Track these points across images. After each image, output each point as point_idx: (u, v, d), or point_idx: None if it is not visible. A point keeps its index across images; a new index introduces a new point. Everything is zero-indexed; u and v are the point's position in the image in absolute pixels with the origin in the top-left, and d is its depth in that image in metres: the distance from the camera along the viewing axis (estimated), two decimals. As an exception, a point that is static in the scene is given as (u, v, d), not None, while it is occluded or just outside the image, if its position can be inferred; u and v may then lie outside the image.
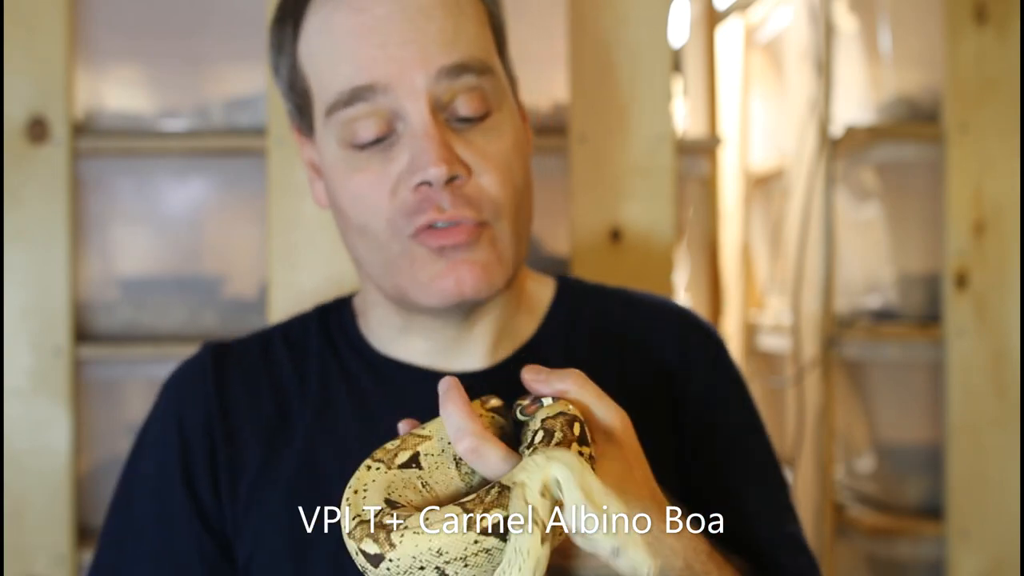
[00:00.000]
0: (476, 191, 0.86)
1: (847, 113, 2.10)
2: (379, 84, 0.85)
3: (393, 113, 0.86)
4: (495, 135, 0.88)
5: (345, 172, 0.89)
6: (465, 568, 0.61)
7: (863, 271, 2.16)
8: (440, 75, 0.85)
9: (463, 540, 0.61)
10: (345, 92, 0.86)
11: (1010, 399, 1.85)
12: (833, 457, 2.08)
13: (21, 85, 1.63)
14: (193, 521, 0.91)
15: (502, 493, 0.62)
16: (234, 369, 0.96)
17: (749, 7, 2.56)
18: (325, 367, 0.96)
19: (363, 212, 0.88)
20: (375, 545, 0.62)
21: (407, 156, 0.86)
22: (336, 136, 0.88)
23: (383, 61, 0.85)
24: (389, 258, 0.88)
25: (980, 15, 1.85)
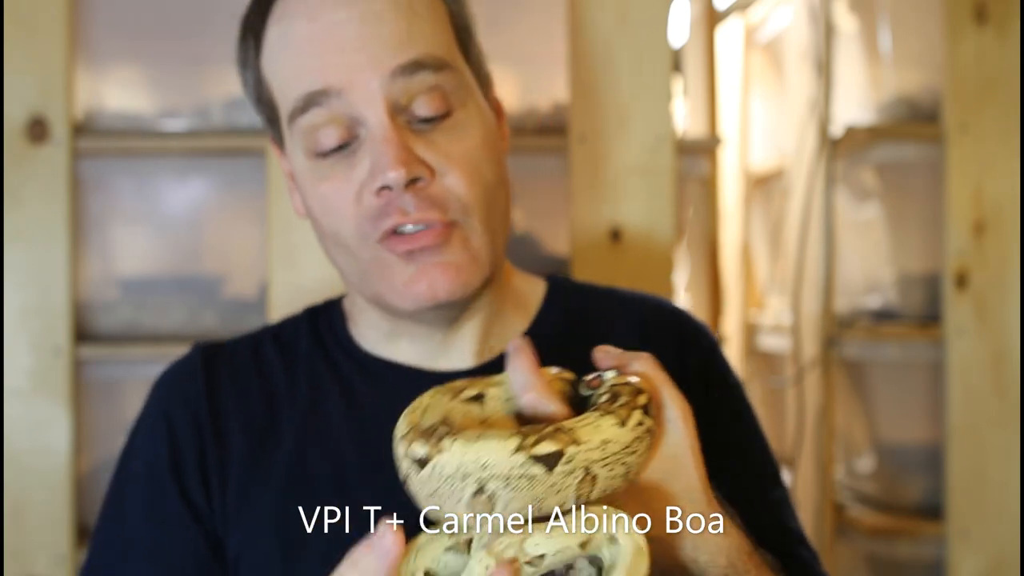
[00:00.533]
0: (441, 191, 0.86)
1: (847, 113, 2.10)
2: (333, 88, 0.85)
3: (352, 119, 0.86)
4: (459, 134, 0.88)
5: (312, 181, 0.89)
6: (505, 488, 0.62)
7: (863, 271, 2.16)
8: (394, 75, 0.85)
9: (511, 460, 0.61)
10: (301, 98, 0.87)
11: (1010, 399, 1.85)
12: (833, 457, 2.08)
13: (21, 85, 1.63)
14: (184, 519, 0.91)
15: (559, 431, 0.63)
16: (224, 369, 0.96)
17: (749, 7, 2.56)
18: (315, 368, 0.96)
19: (333, 220, 0.88)
20: (424, 448, 0.64)
21: (369, 161, 0.86)
22: (301, 145, 0.89)
23: (336, 66, 0.85)
24: (362, 266, 0.89)
25: (980, 15, 1.85)
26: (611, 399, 0.67)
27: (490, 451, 0.62)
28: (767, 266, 2.60)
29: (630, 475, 0.66)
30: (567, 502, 0.63)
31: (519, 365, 0.71)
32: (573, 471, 0.62)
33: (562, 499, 0.63)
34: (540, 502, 0.62)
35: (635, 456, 0.66)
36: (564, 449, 0.62)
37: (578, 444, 0.62)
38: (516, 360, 0.72)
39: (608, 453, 0.63)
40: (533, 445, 0.62)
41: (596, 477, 0.63)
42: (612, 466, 0.64)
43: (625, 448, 0.64)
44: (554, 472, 0.62)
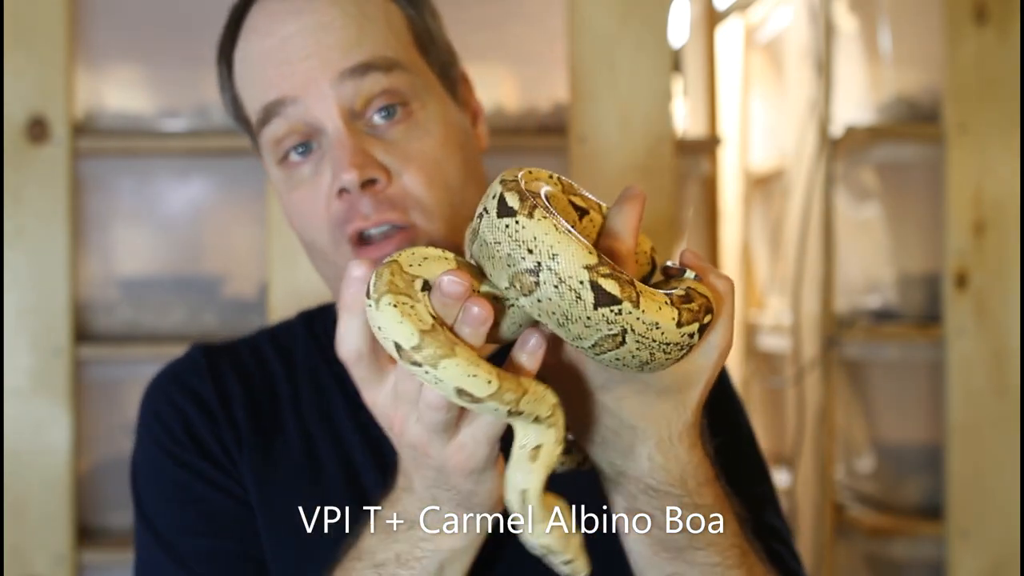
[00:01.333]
0: (399, 192, 0.86)
1: (847, 113, 2.10)
2: (287, 97, 0.87)
3: (310, 126, 0.87)
4: (417, 133, 0.88)
5: (286, 191, 0.91)
6: (554, 287, 0.62)
7: (863, 271, 2.16)
8: (343, 77, 0.86)
9: (575, 269, 0.61)
10: (261, 110, 0.89)
11: (1010, 399, 1.85)
12: (833, 457, 2.08)
13: (21, 85, 1.63)
14: (219, 487, 0.90)
15: (632, 285, 0.63)
16: (227, 365, 0.97)
17: (749, 7, 2.56)
18: (315, 369, 0.96)
19: (307, 228, 0.90)
20: (517, 202, 0.63)
21: (330, 168, 0.87)
22: (269, 157, 0.91)
23: (288, 76, 0.87)
24: (339, 272, 0.88)
25: (980, 15, 1.85)
26: (684, 298, 0.67)
27: (567, 248, 0.61)
28: (767, 266, 2.60)
29: (646, 367, 0.66)
30: (586, 339, 0.63)
31: (628, 209, 0.71)
32: (612, 323, 0.62)
33: (586, 334, 0.62)
34: (568, 320, 0.62)
35: (664, 356, 0.65)
36: (622, 301, 0.61)
37: (635, 306, 0.62)
38: (628, 203, 0.71)
39: (650, 335, 0.63)
40: (602, 276, 0.61)
41: (624, 343, 0.63)
42: (642, 347, 0.64)
43: (664, 344, 0.64)
44: (598, 310, 0.61)
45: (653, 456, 0.72)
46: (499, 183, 0.65)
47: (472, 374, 0.62)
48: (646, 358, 0.65)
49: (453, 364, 0.62)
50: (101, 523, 1.70)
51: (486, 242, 0.64)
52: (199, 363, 0.96)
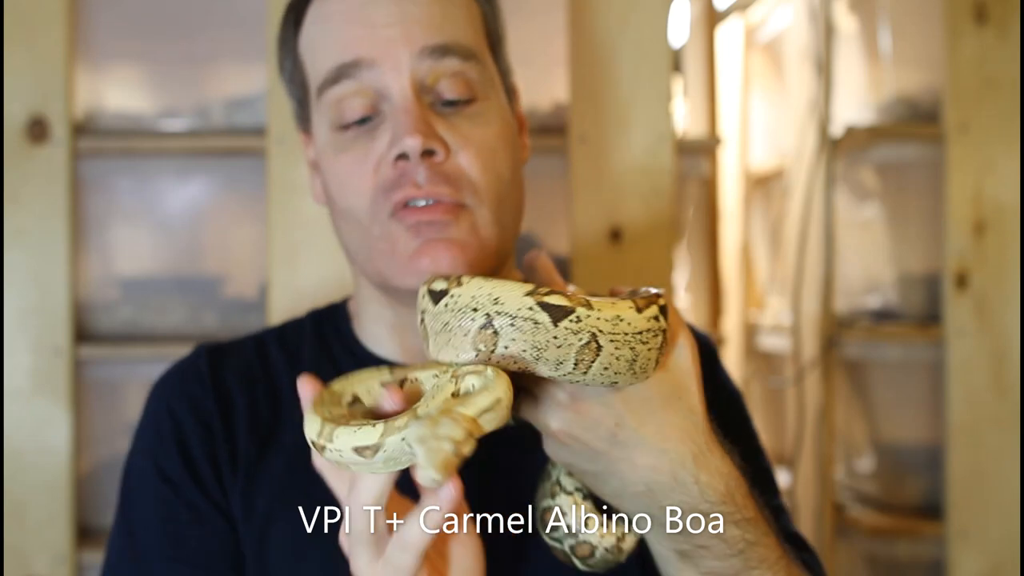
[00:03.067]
0: (454, 169, 0.87)
1: (847, 113, 2.10)
2: (364, 60, 0.87)
3: (378, 93, 0.88)
4: (479, 121, 0.89)
5: (333, 155, 0.90)
6: (510, 326, 0.65)
7: (863, 271, 2.16)
8: (423, 54, 0.87)
9: (521, 300, 0.65)
10: (333, 69, 0.89)
11: (1010, 399, 1.85)
12: (833, 457, 2.08)
13: (21, 85, 1.63)
14: (199, 511, 0.90)
15: (575, 295, 0.66)
16: (230, 368, 0.96)
17: (749, 7, 2.56)
18: (321, 370, 0.96)
19: (348, 194, 0.89)
20: (444, 283, 0.68)
21: (389, 134, 0.87)
22: (327, 119, 0.90)
23: (368, 39, 0.87)
24: (370, 242, 0.89)
25: (980, 15, 1.85)
26: (633, 293, 0.70)
27: (504, 289, 0.65)
28: (767, 266, 2.60)
29: (636, 366, 0.67)
30: (566, 361, 0.65)
31: (541, 268, 0.76)
32: (579, 332, 0.64)
33: (562, 355, 0.65)
34: (540, 351, 0.65)
35: (645, 348, 0.67)
36: (575, 308, 0.64)
37: (590, 308, 0.65)
38: (538, 266, 0.77)
39: (619, 330, 0.65)
40: (545, 295, 0.65)
41: (601, 348, 0.65)
42: (619, 345, 0.65)
43: (637, 333, 0.66)
44: (559, 326, 0.64)
45: (698, 477, 0.72)
46: (420, 289, 0.71)
47: (356, 429, 0.65)
48: (630, 355, 0.66)
49: (342, 431, 0.65)
50: (101, 523, 1.70)
51: (437, 331, 0.68)
52: (202, 369, 0.96)
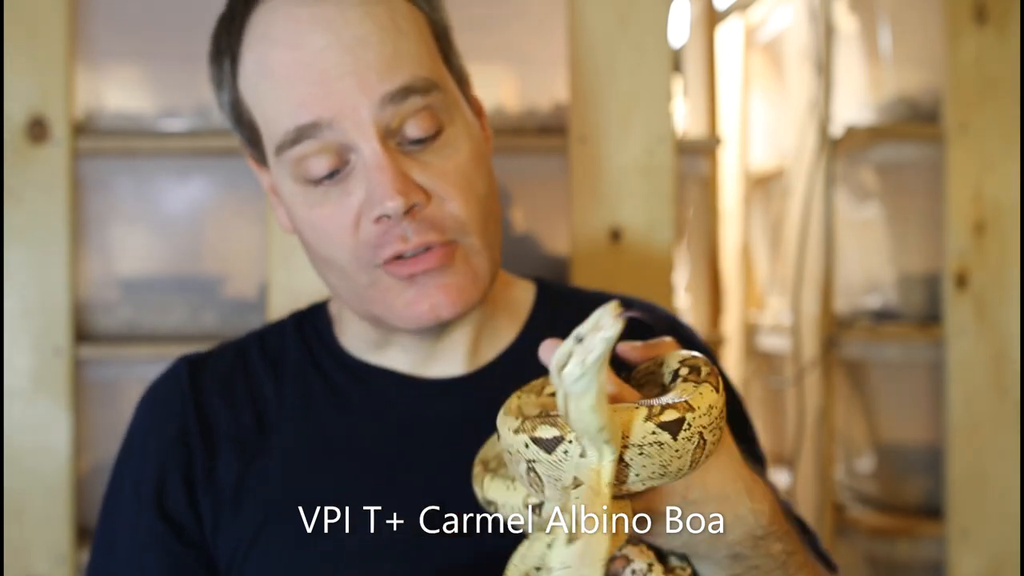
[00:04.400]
0: (438, 213, 0.85)
1: (847, 113, 2.10)
2: (323, 120, 0.83)
3: (343, 146, 0.84)
4: (450, 151, 0.87)
5: (304, 207, 0.87)
6: (640, 455, 0.64)
7: (863, 271, 2.16)
8: (384, 102, 0.83)
9: (644, 428, 0.64)
10: (291, 131, 0.85)
11: (1010, 399, 1.85)
12: (833, 457, 2.08)
13: (21, 85, 1.63)
14: (167, 541, 0.91)
15: (676, 402, 0.65)
16: (210, 380, 0.96)
17: (749, 7, 2.56)
18: (304, 374, 0.96)
19: (327, 246, 0.87)
20: (553, 430, 0.65)
21: (363, 189, 0.84)
22: (289, 173, 0.87)
23: (324, 97, 0.83)
24: (358, 289, 0.88)
25: (980, 15, 1.85)
26: (694, 371, 0.70)
27: (622, 421, 0.64)
28: (767, 266, 2.60)
29: (717, 440, 0.68)
30: (685, 468, 0.66)
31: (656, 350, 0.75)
32: (691, 437, 0.65)
33: (683, 464, 0.65)
34: (666, 467, 0.65)
35: (723, 419, 0.68)
36: (684, 415, 0.64)
37: (693, 411, 0.65)
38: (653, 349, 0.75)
39: (712, 418, 0.66)
40: (660, 414, 0.64)
41: (705, 442, 0.66)
42: (714, 431, 0.67)
43: (721, 412, 0.67)
44: (678, 439, 0.64)
45: (752, 507, 0.72)
46: (515, 437, 0.67)
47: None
48: (718, 436, 0.67)
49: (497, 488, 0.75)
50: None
51: (558, 478, 0.66)
52: (182, 384, 0.96)
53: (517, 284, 1.02)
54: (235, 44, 0.88)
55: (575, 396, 0.61)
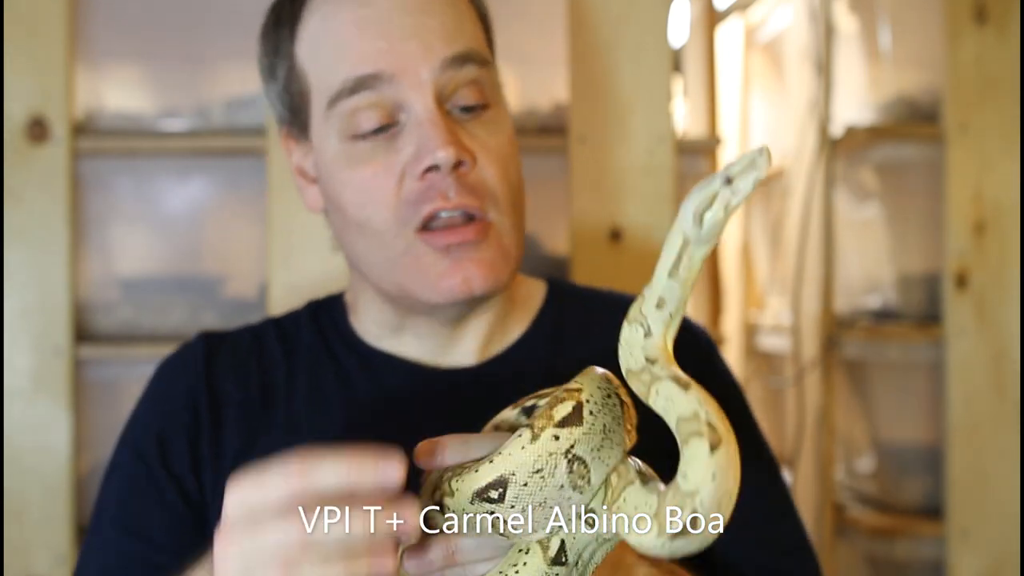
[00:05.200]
0: (479, 181, 0.88)
1: (847, 113, 2.10)
2: (384, 74, 0.87)
3: (396, 104, 0.87)
4: (494, 128, 0.90)
5: (347, 165, 0.89)
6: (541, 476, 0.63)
7: (863, 271, 2.16)
8: (444, 66, 0.87)
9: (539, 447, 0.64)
10: (350, 80, 0.87)
11: (1010, 399, 1.85)
12: (833, 457, 2.08)
13: (21, 85, 1.63)
14: (165, 494, 0.92)
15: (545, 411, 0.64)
16: (226, 357, 0.97)
17: (749, 7, 2.55)
18: (316, 360, 0.97)
19: (366, 206, 0.88)
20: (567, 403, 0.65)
21: (412, 146, 0.87)
22: (337, 129, 0.89)
23: (387, 53, 0.87)
24: (392, 256, 0.89)
25: (980, 15, 1.85)
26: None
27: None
28: (767, 266, 2.60)
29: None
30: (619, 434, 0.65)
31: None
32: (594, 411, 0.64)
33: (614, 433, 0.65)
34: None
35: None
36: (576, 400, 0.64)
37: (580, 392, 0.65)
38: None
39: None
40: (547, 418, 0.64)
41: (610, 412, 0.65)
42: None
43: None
44: (585, 420, 0.63)
45: None
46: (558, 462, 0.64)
47: None
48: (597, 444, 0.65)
49: None
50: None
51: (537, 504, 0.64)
52: (198, 357, 0.97)
53: (528, 282, 1.04)
54: (298, 9, 0.92)
55: (700, 244, 0.60)
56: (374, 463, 0.59)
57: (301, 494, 0.59)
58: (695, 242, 0.60)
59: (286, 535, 0.58)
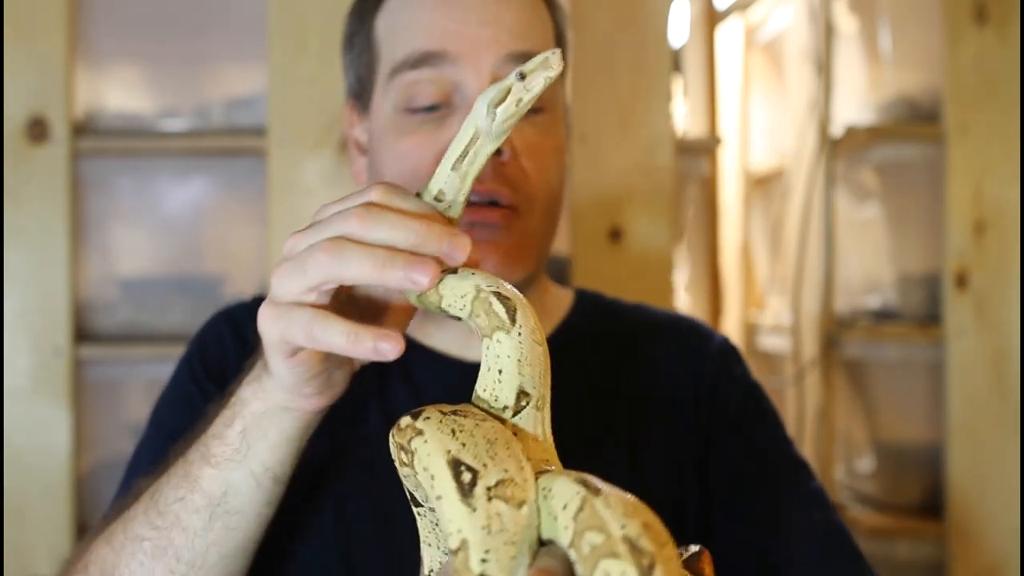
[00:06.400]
0: (516, 173, 0.89)
1: (847, 113, 2.10)
2: (449, 53, 0.88)
3: (453, 85, 0.89)
4: (544, 131, 0.92)
5: (395, 134, 0.91)
6: None
7: (863, 271, 2.16)
8: (507, 60, 0.89)
9: None
10: (415, 53, 0.89)
11: (1010, 399, 1.85)
12: (833, 457, 2.08)
13: (21, 85, 1.63)
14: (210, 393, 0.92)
15: None
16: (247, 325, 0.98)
17: (749, 7, 2.55)
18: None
19: (404, 174, 0.90)
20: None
21: (459, 126, 0.88)
22: (394, 99, 0.91)
23: (457, 34, 0.89)
24: None
25: (980, 15, 1.85)
26: None
27: None
28: (767, 266, 2.60)
29: None
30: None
31: None
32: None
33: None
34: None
35: None
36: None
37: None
38: None
39: None
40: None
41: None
42: None
43: None
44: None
45: None
46: None
47: None
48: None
49: None
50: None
51: None
52: (251, 310, 0.97)
53: (557, 289, 1.04)
54: None
55: (489, 138, 0.62)
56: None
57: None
58: (484, 135, 0.63)
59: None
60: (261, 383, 0.71)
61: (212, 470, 0.73)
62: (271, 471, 0.73)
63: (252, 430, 0.72)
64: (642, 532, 0.51)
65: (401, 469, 0.62)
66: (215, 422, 0.74)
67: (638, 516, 0.52)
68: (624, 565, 0.50)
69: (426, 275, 0.61)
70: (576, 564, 0.53)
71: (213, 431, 0.74)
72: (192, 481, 0.73)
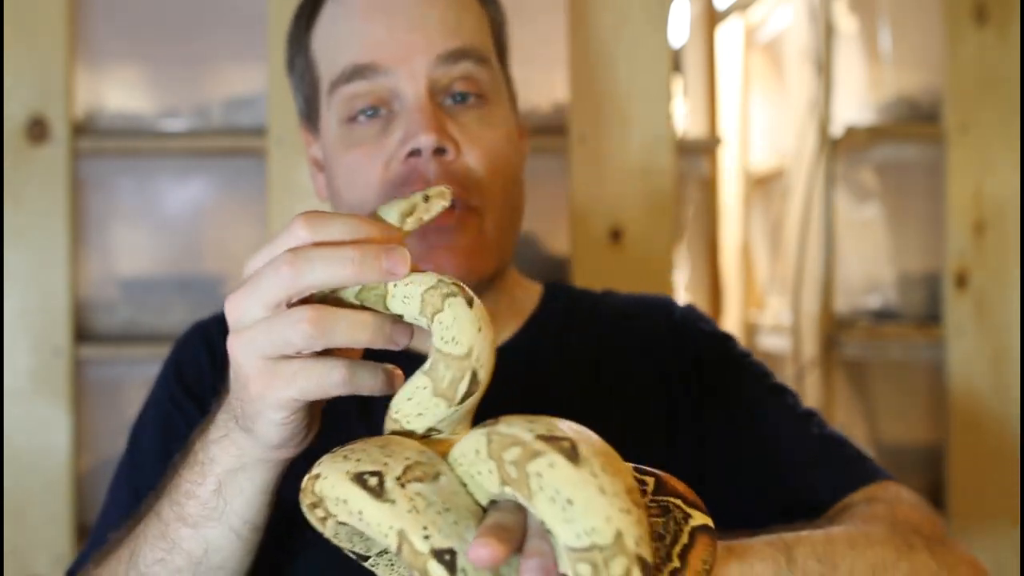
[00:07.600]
0: (463, 169, 0.89)
1: (847, 113, 2.10)
2: (381, 65, 0.89)
3: (391, 92, 0.90)
4: (487, 122, 0.92)
5: (343, 147, 0.92)
6: None
7: (863, 271, 2.16)
8: (440, 60, 0.90)
9: None
10: (349, 67, 0.90)
11: (1010, 399, 1.85)
12: (833, 457, 2.07)
13: (21, 85, 1.63)
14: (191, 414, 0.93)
15: None
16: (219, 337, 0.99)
17: (749, 7, 2.55)
18: None
19: (356, 187, 0.91)
20: None
21: (401, 131, 0.89)
22: (336, 113, 0.92)
23: (387, 44, 0.89)
24: None
25: (980, 15, 1.85)
26: None
27: None
28: (767, 266, 2.60)
29: None
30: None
31: None
32: None
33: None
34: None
35: None
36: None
37: None
38: None
39: None
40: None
41: None
42: None
43: None
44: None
45: None
46: None
47: None
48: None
49: None
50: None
51: None
52: (223, 324, 0.98)
53: (526, 284, 1.04)
54: (318, 3, 0.96)
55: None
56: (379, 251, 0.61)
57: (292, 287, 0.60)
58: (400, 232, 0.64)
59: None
60: (234, 441, 0.67)
61: (189, 530, 0.71)
62: (250, 523, 0.71)
63: (227, 486, 0.69)
64: (552, 427, 0.54)
65: (327, 527, 0.61)
66: (184, 476, 0.71)
67: (541, 420, 0.55)
68: (548, 457, 0.51)
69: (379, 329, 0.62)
70: (516, 495, 0.53)
71: (185, 489, 0.71)
72: (170, 542, 0.71)
